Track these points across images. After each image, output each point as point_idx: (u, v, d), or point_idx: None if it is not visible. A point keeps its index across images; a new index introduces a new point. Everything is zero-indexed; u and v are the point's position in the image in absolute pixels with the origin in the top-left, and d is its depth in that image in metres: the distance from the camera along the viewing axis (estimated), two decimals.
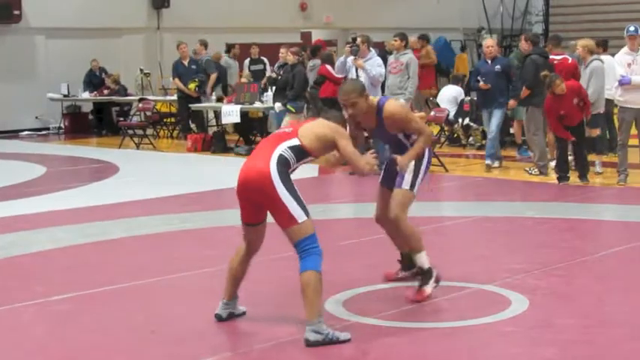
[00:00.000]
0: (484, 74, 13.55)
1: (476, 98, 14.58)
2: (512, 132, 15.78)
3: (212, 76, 18.65)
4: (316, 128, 6.07)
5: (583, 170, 12.21)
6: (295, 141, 5.95)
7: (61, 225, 9.97)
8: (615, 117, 13.07)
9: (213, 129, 18.61)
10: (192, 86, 18.25)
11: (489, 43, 13.97)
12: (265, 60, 21.24)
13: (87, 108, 22.79)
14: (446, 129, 16.77)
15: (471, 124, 16.41)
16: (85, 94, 21.89)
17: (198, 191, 12.38)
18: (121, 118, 21.44)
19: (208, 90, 18.60)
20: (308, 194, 5.97)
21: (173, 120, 20.78)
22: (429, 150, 6.94)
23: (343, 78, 14.55)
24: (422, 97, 18.81)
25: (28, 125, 22.23)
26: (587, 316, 6.33)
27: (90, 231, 9.65)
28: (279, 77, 16.30)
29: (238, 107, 16.60)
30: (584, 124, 12.20)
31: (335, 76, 14.99)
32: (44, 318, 6.58)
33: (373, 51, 14.30)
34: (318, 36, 26.59)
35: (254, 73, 20.25)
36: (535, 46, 13.71)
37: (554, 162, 12.69)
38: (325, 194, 12.33)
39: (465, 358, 5.64)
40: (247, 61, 21.27)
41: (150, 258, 8.45)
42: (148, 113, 19.90)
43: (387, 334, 5.89)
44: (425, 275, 6.74)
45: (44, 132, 22.32)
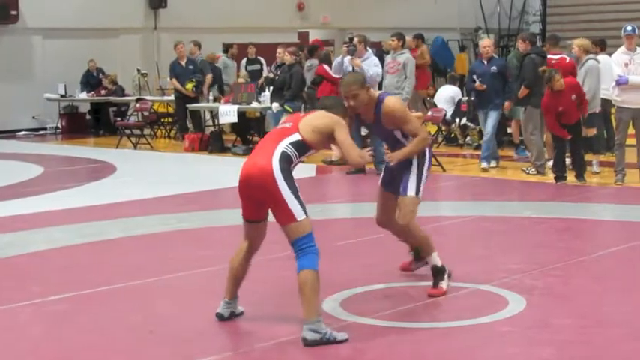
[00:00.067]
0: (480, 75, 13.53)
1: (473, 98, 14.56)
2: (509, 132, 15.78)
3: (207, 77, 18.63)
4: (315, 120, 6.08)
5: (580, 170, 12.21)
6: (296, 136, 5.96)
7: (58, 225, 9.96)
8: (612, 117, 13.07)
9: (210, 129, 18.61)
10: (189, 86, 18.23)
11: (486, 44, 13.94)
12: (262, 60, 21.24)
13: (84, 108, 22.75)
14: (443, 129, 16.78)
15: (468, 124, 16.41)
16: (83, 95, 21.86)
17: (195, 191, 12.37)
18: (119, 118, 21.40)
19: (205, 91, 18.59)
20: (306, 194, 5.96)
21: (170, 120, 20.78)
22: (429, 152, 6.93)
23: (340, 78, 14.57)
24: (418, 97, 18.80)
25: (26, 125, 22.19)
26: (584, 316, 6.33)
27: (87, 231, 9.64)
28: (276, 77, 16.29)
29: (235, 107, 16.60)
30: (581, 124, 12.20)
31: (332, 76, 14.97)
32: (41, 318, 6.58)
33: (370, 51, 14.30)
34: (315, 36, 26.54)
35: (251, 73, 20.25)
36: (533, 46, 13.71)
37: (551, 162, 12.69)
38: (323, 194, 12.33)
39: (463, 358, 5.64)
40: (244, 61, 21.29)
41: (147, 258, 8.45)
42: (146, 113, 19.89)
43: (385, 334, 5.89)
44: (439, 273, 6.89)
45: (41, 132, 22.27)
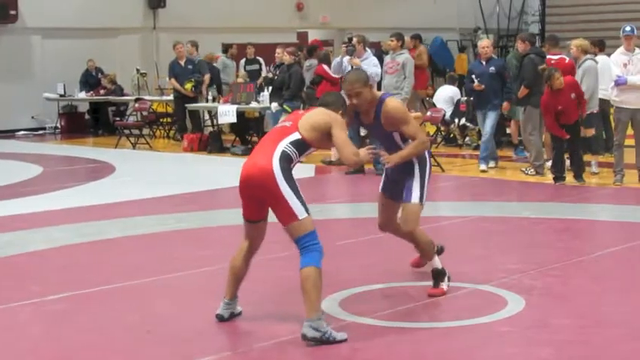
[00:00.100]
0: (478, 75, 13.50)
1: (472, 99, 14.55)
2: (508, 132, 15.78)
3: (205, 77, 18.63)
4: (313, 117, 6.07)
5: (579, 170, 12.21)
6: (296, 135, 5.96)
7: (57, 225, 9.96)
8: (612, 117, 13.08)
9: (208, 129, 18.61)
10: (188, 86, 18.22)
11: (485, 44, 13.92)
12: (261, 60, 21.24)
13: (83, 108, 22.77)
14: (442, 129, 16.78)
15: (468, 124, 16.40)
16: (82, 94, 21.87)
17: (194, 191, 12.37)
18: (118, 118, 21.41)
19: (204, 91, 18.58)
20: (305, 194, 5.95)
21: (169, 120, 20.77)
22: (429, 155, 6.93)
23: (340, 78, 14.57)
24: (417, 97, 18.80)
25: (25, 125, 22.20)
26: (583, 317, 6.33)
27: (86, 231, 9.64)
28: (275, 77, 16.29)
29: (234, 107, 16.59)
30: (579, 124, 12.20)
31: (332, 76, 14.99)
32: (40, 317, 6.58)
33: (369, 51, 14.30)
34: (314, 36, 26.54)
35: (250, 73, 20.26)
36: (532, 46, 13.71)
37: (550, 162, 12.69)
38: (322, 194, 12.32)
39: (462, 358, 5.64)
40: (243, 61, 21.29)
41: (145, 258, 8.45)
42: (145, 113, 19.89)
43: (384, 334, 5.89)
44: (440, 274, 6.93)
45: (40, 132, 22.28)
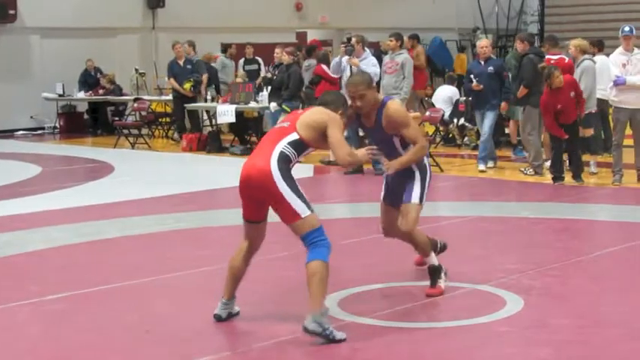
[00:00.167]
0: (477, 75, 13.49)
1: (470, 99, 14.55)
2: (507, 132, 15.78)
3: (203, 77, 18.61)
4: (310, 116, 6.09)
5: (577, 170, 12.21)
6: (294, 135, 5.97)
7: (56, 225, 9.96)
8: (610, 117, 13.08)
9: (207, 129, 18.60)
10: (187, 86, 18.21)
11: (484, 44, 13.91)
12: (260, 60, 21.23)
13: (82, 108, 22.75)
14: (441, 129, 16.78)
15: (466, 124, 16.40)
16: (80, 94, 21.85)
17: (192, 191, 12.37)
18: (116, 118, 21.40)
19: (203, 91, 18.57)
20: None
21: (168, 120, 20.77)
22: (429, 159, 6.94)
23: (339, 78, 14.58)
24: (416, 97, 18.77)
25: (23, 125, 22.18)
26: (581, 317, 6.33)
27: (85, 230, 9.64)
28: (274, 77, 16.29)
29: (233, 107, 16.60)
30: (578, 124, 12.20)
31: (331, 76, 14.99)
32: (39, 317, 6.57)
33: (368, 51, 14.30)
34: (313, 36, 26.56)
35: (248, 73, 20.25)
36: (531, 46, 13.71)
37: (549, 162, 12.70)
38: (321, 194, 12.32)
39: (460, 358, 5.65)
40: (242, 61, 21.28)
41: (144, 258, 8.44)
42: (143, 113, 19.87)
43: (382, 334, 5.89)
44: (437, 271, 6.91)
45: (39, 132, 22.26)
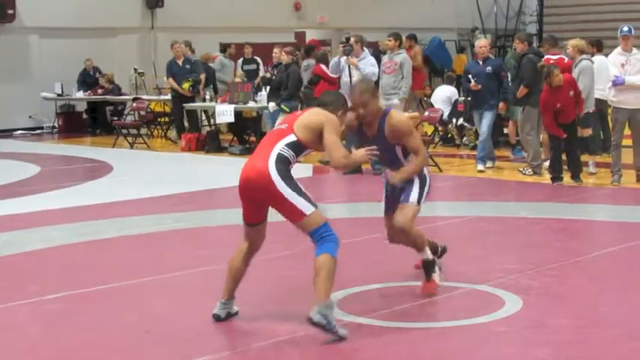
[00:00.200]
0: (475, 75, 13.49)
1: (469, 99, 14.54)
2: (506, 132, 15.78)
3: (201, 77, 18.61)
4: (307, 117, 6.11)
5: (576, 170, 12.21)
6: (292, 137, 6.00)
7: (55, 224, 9.95)
8: (609, 117, 13.09)
9: (205, 129, 18.60)
10: (186, 86, 18.20)
11: (482, 44, 13.92)
12: (259, 60, 21.23)
13: (81, 107, 22.75)
14: (440, 129, 16.78)
15: (465, 125, 16.41)
16: (79, 94, 21.86)
17: (191, 191, 12.36)
18: (115, 118, 21.40)
19: (202, 91, 18.56)
20: None
21: (167, 119, 20.76)
22: (428, 167, 6.96)
23: (337, 78, 14.58)
24: (415, 98, 18.75)
25: (22, 124, 22.18)
26: (580, 317, 6.34)
27: (83, 230, 9.63)
28: (273, 77, 16.29)
29: (232, 107, 16.59)
30: (576, 123, 12.20)
31: (329, 76, 14.99)
32: (38, 317, 6.57)
33: (367, 51, 14.30)
34: (312, 36, 26.57)
35: (247, 73, 20.25)
36: (530, 46, 13.72)
37: (547, 162, 12.70)
38: (319, 194, 12.29)
39: (459, 358, 5.65)
40: (240, 61, 21.27)
41: (143, 257, 8.44)
42: (142, 113, 19.87)
43: (381, 334, 5.89)
44: (431, 265, 6.89)
45: (38, 131, 22.26)
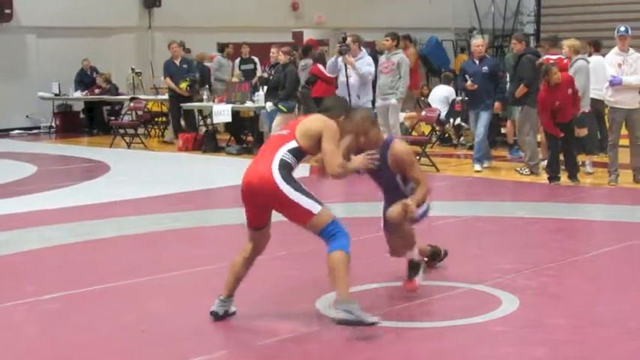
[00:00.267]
0: (471, 75, 13.49)
1: (467, 98, 14.53)
2: (503, 132, 15.78)
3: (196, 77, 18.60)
4: (307, 124, 6.12)
5: (573, 170, 12.22)
6: (293, 143, 6.03)
7: (52, 224, 9.94)
8: (606, 117, 13.09)
9: (201, 128, 18.60)
10: (183, 86, 18.21)
11: (478, 43, 13.91)
12: (256, 59, 21.23)
13: (78, 107, 22.74)
14: (437, 129, 16.78)
15: (462, 124, 16.42)
16: (77, 93, 21.84)
17: (188, 190, 12.36)
18: (112, 117, 21.40)
19: (200, 91, 18.56)
20: None
21: (164, 119, 20.75)
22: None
23: (335, 78, 14.58)
24: (412, 97, 18.77)
25: (19, 124, 22.15)
26: (577, 316, 6.34)
27: (80, 230, 9.62)
28: (270, 77, 16.28)
29: (229, 107, 16.59)
30: (573, 123, 12.21)
31: (327, 76, 14.99)
32: (35, 317, 6.57)
33: (364, 50, 14.29)
34: (309, 36, 26.56)
35: (244, 73, 20.24)
36: (527, 46, 13.72)
37: (545, 162, 12.70)
38: (317, 194, 12.28)
39: (456, 358, 5.65)
40: (238, 61, 21.27)
41: (140, 257, 8.44)
42: (139, 112, 19.87)
43: (378, 334, 5.88)
44: (416, 267, 6.89)
45: (35, 131, 22.24)
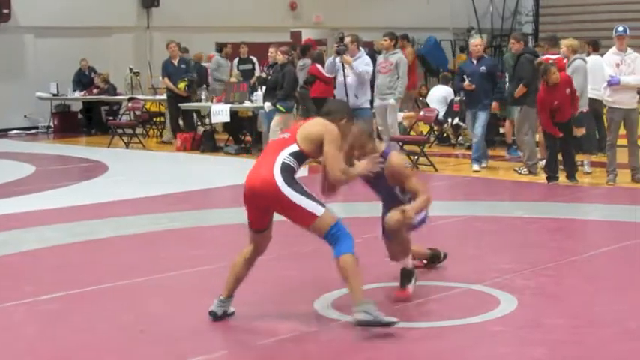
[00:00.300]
0: (469, 74, 13.49)
1: (464, 98, 14.54)
2: (502, 132, 15.78)
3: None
4: (308, 128, 6.14)
5: (571, 170, 12.23)
6: (294, 147, 6.05)
7: (50, 224, 9.94)
8: (604, 117, 13.10)
9: (199, 128, 18.59)
10: (181, 85, 18.20)
11: (477, 42, 13.91)
12: (254, 59, 21.22)
13: (76, 107, 22.72)
14: (435, 129, 16.79)
15: (461, 124, 16.42)
16: (75, 93, 21.83)
17: (187, 191, 12.36)
18: (111, 118, 21.38)
19: (198, 91, 18.55)
20: None
21: (162, 119, 20.75)
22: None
23: (333, 78, 14.57)
24: (410, 97, 18.78)
25: (17, 124, 22.14)
26: (576, 316, 6.34)
27: (79, 230, 9.62)
28: (268, 77, 16.28)
29: (228, 106, 16.59)
30: (571, 123, 12.21)
31: (325, 76, 14.98)
32: (34, 317, 6.57)
33: (363, 50, 14.28)
34: (307, 35, 26.56)
35: (243, 73, 20.23)
36: (526, 46, 13.73)
37: (543, 161, 12.70)
38: (316, 194, 12.29)
39: (454, 358, 5.65)
40: (236, 61, 21.26)
41: (138, 257, 8.44)
42: (138, 112, 19.87)
43: (377, 334, 5.88)
44: (409, 275, 6.89)
45: (33, 131, 22.23)
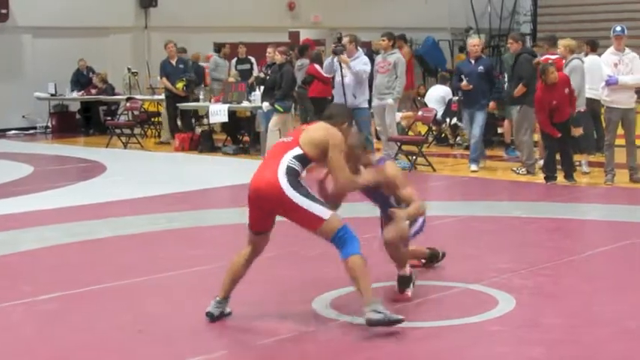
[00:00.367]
0: (467, 74, 13.48)
1: (462, 98, 14.54)
2: (500, 131, 15.78)
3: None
4: (311, 133, 6.15)
5: (569, 170, 12.23)
6: (297, 150, 6.05)
7: (49, 224, 9.94)
8: (602, 117, 13.11)
9: (197, 129, 18.59)
10: (179, 85, 18.19)
11: (474, 42, 13.91)
12: (252, 59, 21.20)
13: (74, 107, 22.72)
14: (434, 129, 16.78)
15: (459, 124, 16.41)
16: (73, 94, 21.82)
17: (185, 191, 12.36)
18: (109, 118, 21.38)
19: (196, 91, 18.55)
20: None
21: (160, 119, 20.73)
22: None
23: (331, 78, 14.57)
24: (408, 97, 18.76)
25: (15, 124, 22.13)
26: (574, 316, 6.35)
27: (77, 230, 9.62)
28: (266, 77, 16.27)
29: (226, 106, 16.58)
30: (570, 122, 12.22)
31: (323, 76, 14.98)
32: (32, 317, 6.57)
33: (361, 50, 14.28)
34: (306, 35, 26.55)
35: (241, 73, 20.22)
36: (524, 46, 13.73)
37: (541, 161, 12.70)
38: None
39: (452, 358, 5.66)
40: (234, 61, 21.25)
41: (137, 257, 8.44)
42: (136, 112, 19.86)
43: (375, 334, 5.88)
44: (407, 281, 6.91)
45: (31, 131, 22.21)
